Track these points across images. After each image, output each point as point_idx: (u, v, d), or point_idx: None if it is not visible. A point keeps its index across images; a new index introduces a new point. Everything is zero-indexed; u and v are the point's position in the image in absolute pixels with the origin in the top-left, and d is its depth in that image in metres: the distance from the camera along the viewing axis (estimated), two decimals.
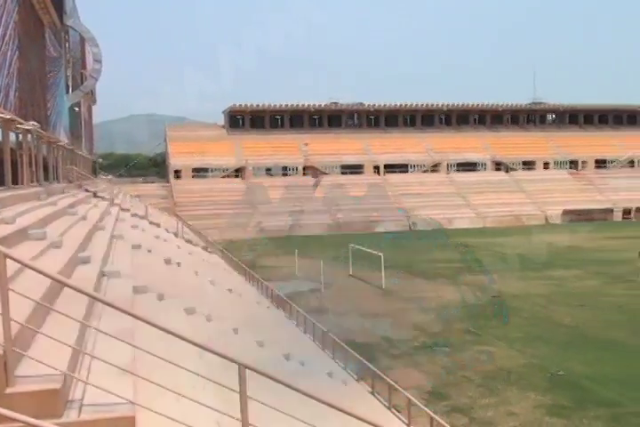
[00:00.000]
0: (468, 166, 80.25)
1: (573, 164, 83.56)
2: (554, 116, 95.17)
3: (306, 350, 16.80)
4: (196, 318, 10.19)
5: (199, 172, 74.79)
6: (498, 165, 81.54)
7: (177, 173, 73.80)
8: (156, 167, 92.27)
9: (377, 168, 77.34)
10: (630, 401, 16.36)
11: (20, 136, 18.79)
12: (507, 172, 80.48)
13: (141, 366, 4.37)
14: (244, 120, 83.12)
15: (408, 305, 28.64)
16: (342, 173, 77.53)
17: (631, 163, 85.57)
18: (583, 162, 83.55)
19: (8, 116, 15.95)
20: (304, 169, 76.32)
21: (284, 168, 78.20)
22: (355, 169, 77.60)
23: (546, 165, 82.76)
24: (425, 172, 79.12)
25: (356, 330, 24.10)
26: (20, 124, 17.48)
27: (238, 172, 74.64)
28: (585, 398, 16.66)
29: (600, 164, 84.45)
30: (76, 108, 40.90)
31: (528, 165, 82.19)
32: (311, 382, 10.97)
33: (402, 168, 78.84)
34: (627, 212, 71.88)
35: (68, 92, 36.35)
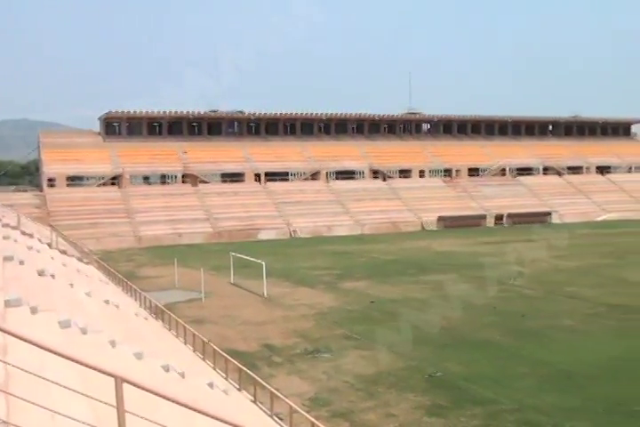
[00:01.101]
0: (347, 174, 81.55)
1: (448, 172, 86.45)
2: (429, 125, 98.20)
3: (186, 361, 16.56)
4: (71, 332, 9.87)
5: (74, 180, 72.40)
6: (375, 174, 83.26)
7: (51, 182, 71.03)
8: (29, 175, 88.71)
9: (258, 176, 77.36)
10: (505, 399, 17.05)
11: None
12: (384, 180, 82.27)
13: (14, 383, 4.22)
14: (120, 127, 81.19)
15: (289, 312, 28.80)
16: (223, 182, 77.14)
17: (502, 171, 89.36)
18: (457, 170, 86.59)
19: None
20: (183, 177, 75.32)
21: (163, 176, 76.95)
22: (235, 177, 77.32)
23: (421, 173, 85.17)
24: (305, 180, 79.79)
25: (238, 339, 24.03)
26: None
27: (115, 180, 72.79)
28: (462, 397, 17.24)
29: (473, 172, 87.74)
30: None
31: (404, 173, 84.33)
32: (191, 393, 10.85)
33: (282, 176, 79.21)
34: (499, 218, 75.03)
35: None
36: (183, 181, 75.03)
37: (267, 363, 20.86)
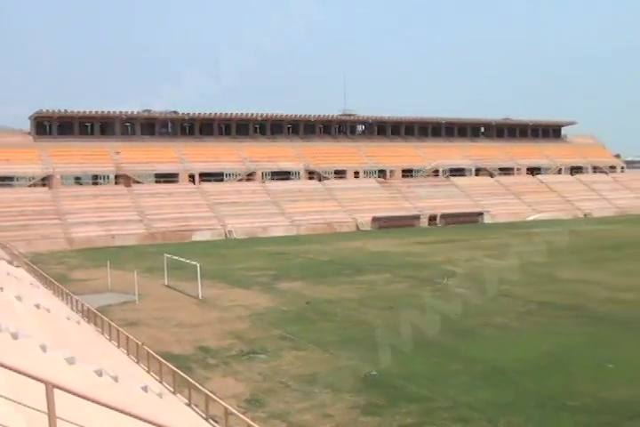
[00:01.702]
0: (283, 175, 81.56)
1: (382, 173, 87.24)
2: (363, 127, 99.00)
3: (119, 365, 16.32)
4: (2, 336, 9.63)
5: (4, 180, 70.44)
6: (311, 174, 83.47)
7: None
8: None
9: (192, 177, 76.64)
10: (440, 396, 17.30)
11: None
12: (319, 180, 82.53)
13: None
14: (51, 127, 79.40)
15: (225, 314, 28.63)
16: (156, 182, 76.12)
17: (436, 172, 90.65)
18: (391, 171, 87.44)
19: None
20: (116, 178, 74.10)
21: (95, 177, 75.54)
22: (169, 178, 76.42)
23: (356, 174, 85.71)
24: (240, 180, 79.41)
25: (172, 341, 23.78)
26: None
27: (45, 180, 71.12)
28: (397, 395, 17.42)
29: (407, 173, 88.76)
30: None
31: (340, 173, 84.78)
32: (125, 397, 10.71)
33: (217, 177, 78.68)
34: (432, 218, 76.06)
35: None
36: (116, 182, 73.81)
37: (202, 365, 20.70)
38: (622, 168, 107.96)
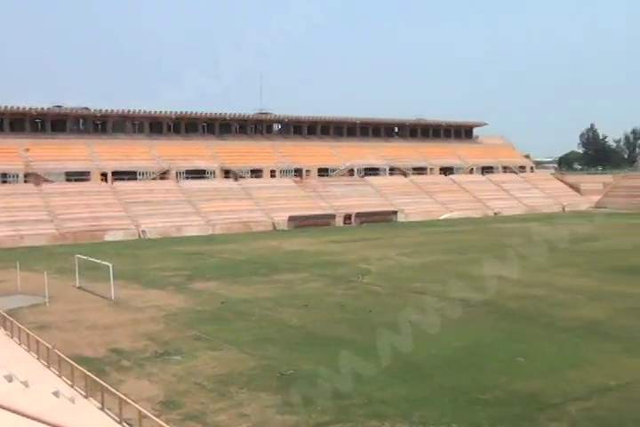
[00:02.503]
0: (198, 174, 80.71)
1: (298, 172, 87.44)
2: (279, 126, 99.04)
3: (30, 370, 15.92)
4: None
5: None
6: (226, 173, 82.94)
7: None
8: None
9: (104, 175, 75.02)
10: (356, 393, 17.51)
11: None
12: (235, 179, 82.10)
13: None
14: None
15: (138, 315, 28.19)
16: (67, 181, 74.01)
17: (351, 171, 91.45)
18: (307, 170, 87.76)
19: None
20: (25, 176, 71.81)
21: (4, 175, 72.97)
22: (80, 176, 74.51)
23: (272, 173, 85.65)
24: (154, 179, 78.14)
25: (85, 344, 23.27)
26: None
27: None
28: (314, 393, 17.51)
29: (322, 172, 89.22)
30: None
31: (256, 173, 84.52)
32: (36, 402, 10.48)
33: (130, 175, 77.20)
34: (347, 217, 76.69)
35: None
36: (25, 181, 71.48)
37: (115, 368, 20.33)
38: (532, 168, 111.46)
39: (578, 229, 63.42)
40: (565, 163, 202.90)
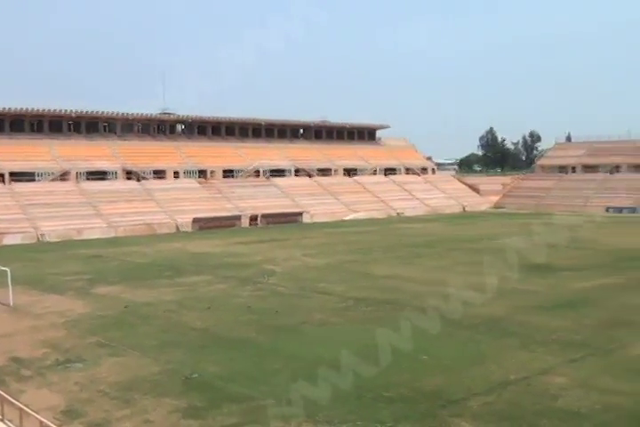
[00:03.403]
0: (99, 175, 78.80)
1: (202, 173, 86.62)
2: (183, 126, 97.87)
3: None
4: None
5: None
6: (129, 174, 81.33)
7: None
8: None
9: (2, 176, 72.31)
10: (261, 394, 17.53)
11: None
12: (138, 181, 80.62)
13: None
14: None
15: (38, 322, 27.32)
16: None
17: (256, 172, 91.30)
18: (212, 171, 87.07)
19: None
20: None
21: None
22: None
23: (176, 174, 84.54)
24: (53, 180, 75.83)
25: None
26: None
27: None
28: (219, 396, 17.46)
29: (228, 173, 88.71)
30: None
31: (159, 173, 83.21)
32: None
33: (29, 176, 74.66)
34: (253, 218, 76.53)
35: None
36: None
37: (15, 378, 19.66)
38: (433, 170, 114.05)
39: (477, 229, 65.46)
40: (466, 164, 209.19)
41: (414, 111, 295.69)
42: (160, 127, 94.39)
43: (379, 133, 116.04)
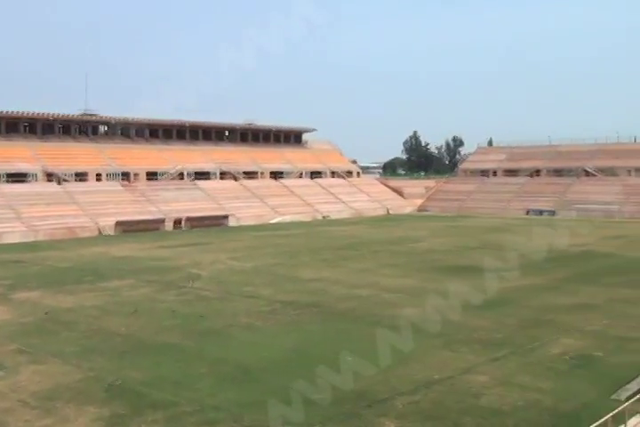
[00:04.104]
0: (18, 177, 76.55)
1: (126, 175, 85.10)
2: (106, 128, 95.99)
3: None
4: None
5: None
6: (50, 176, 79.28)
7: None
8: None
9: None
10: (185, 400, 17.39)
11: None
12: (59, 183, 78.69)
13: None
14: None
15: None
16: None
17: (181, 175, 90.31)
18: (135, 174, 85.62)
19: None
20: None
21: None
22: None
23: (98, 177, 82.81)
24: None
25: None
26: None
27: None
28: (142, 403, 17.24)
29: (151, 176, 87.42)
30: None
31: (81, 176, 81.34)
32: None
33: None
34: (178, 221, 75.64)
35: None
36: None
37: None
38: (358, 173, 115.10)
39: (400, 232, 66.36)
40: (390, 168, 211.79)
41: (340, 115, 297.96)
42: (82, 128, 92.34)
43: (305, 137, 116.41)
